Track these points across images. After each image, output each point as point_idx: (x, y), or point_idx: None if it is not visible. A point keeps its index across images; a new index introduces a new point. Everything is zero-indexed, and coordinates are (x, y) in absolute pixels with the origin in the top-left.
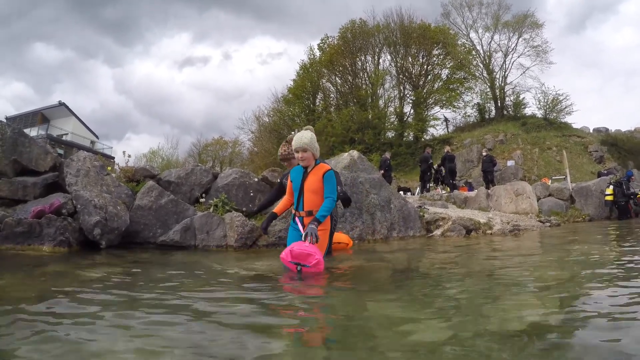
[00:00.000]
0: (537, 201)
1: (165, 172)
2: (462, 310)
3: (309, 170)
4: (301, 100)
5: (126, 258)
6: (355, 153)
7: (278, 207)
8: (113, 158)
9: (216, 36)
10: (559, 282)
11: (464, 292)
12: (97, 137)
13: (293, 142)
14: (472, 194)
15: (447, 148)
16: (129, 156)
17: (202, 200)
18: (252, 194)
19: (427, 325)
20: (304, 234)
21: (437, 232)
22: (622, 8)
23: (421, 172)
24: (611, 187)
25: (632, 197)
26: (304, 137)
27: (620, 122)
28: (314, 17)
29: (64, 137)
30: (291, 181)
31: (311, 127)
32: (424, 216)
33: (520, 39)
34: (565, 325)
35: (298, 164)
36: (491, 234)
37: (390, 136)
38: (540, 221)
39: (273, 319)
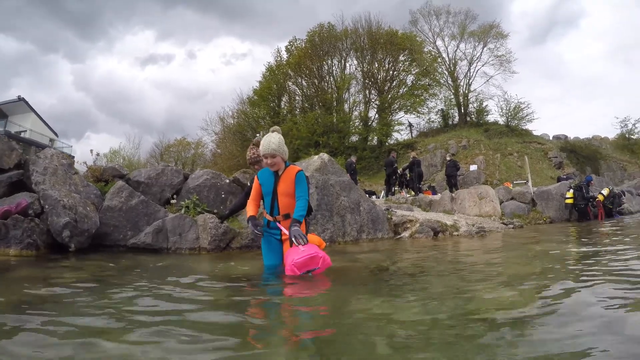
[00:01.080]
0: (500, 204)
1: (135, 172)
2: (441, 301)
3: (280, 173)
4: (267, 102)
5: (98, 262)
6: (325, 156)
7: (252, 210)
8: (73, 157)
9: (181, 35)
10: (528, 275)
11: (440, 285)
12: (56, 135)
13: (261, 148)
14: (437, 197)
15: (413, 154)
16: (97, 154)
17: (173, 201)
18: (223, 196)
19: (409, 314)
20: (292, 238)
21: (405, 234)
22: (582, 23)
23: (386, 176)
24: (571, 191)
25: (591, 200)
26: (271, 142)
27: (577, 130)
28: (280, 19)
29: (22, 134)
30: (260, 184)
31: (278, 128)
32: (391, 218)
33: (485, 48)
34: (531, 312)
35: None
36: (458, 235)
37: (354, 140)
38: (504, 223)
39: (261, 320)
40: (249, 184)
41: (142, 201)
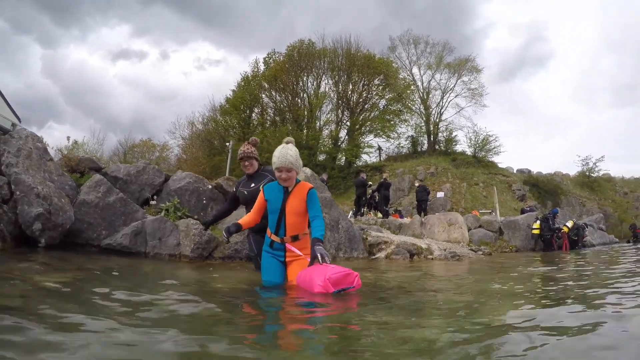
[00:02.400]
0: (468, 231)
1: (113, 167)
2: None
3: (290, 189)
4: (238, 111)
5: (72, 262)
6: (308, 170)
7: (245, 220)
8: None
9: (157, 33)
10: (522, 292)
11: (445, 301)
12: (19, 120)
13: (275, 159)
14: (407, 221)
15: (384, 175)
16: (75, 142)
17: (152, 202)
18: (204, 202)
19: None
20: (318, 255)
21: (381, 254)
22: (551, 64)
23: (356, 197)
24: (538, 221)
25: (556, 231)
26: (289, 154)
27: (538, 165)
28: (258, 30)
29: None
30: (266, 199)
31: (292, 139)
32: (367, 239)
33: (459, 81)
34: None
35: (267, 179)
36: (432, 258)
37: (322, 158)
38: (472, 250)
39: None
40: (233, 189)
41: (121, 199)
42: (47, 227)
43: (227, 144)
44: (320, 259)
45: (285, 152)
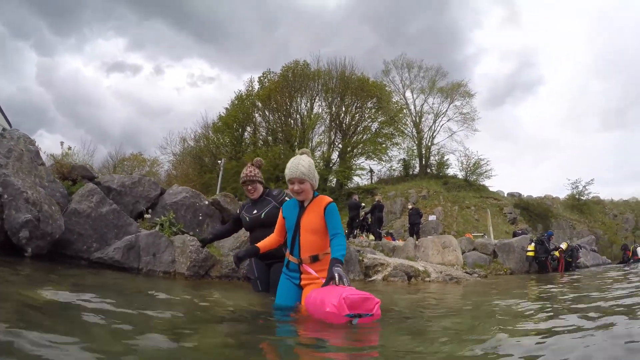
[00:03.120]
0: (462, 254)
1: (107, 177)
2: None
3: (306, 204)
4: (231, 129)
5: (60, 276)
6: None
7: (265, 243)
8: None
9: (152, 48)
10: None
11: (458, 324)
12: (10, 125)
13: (287, 171)
14: (400, 243)
15: (377, 197)
16: (69, 148)
17: (147, 216)
18: (200, 218)
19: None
20: (336, 275)
21: (378, 276)
22: (541, 89)
23: (349, 219)
24: (533, 244)
25: (551, 253)
26: (300, 164)
27: (526, 189)
28: (253, 50)
29: None
30: (284, 217)
31: (308, 150)
32: (363, 260)
33: (452, 105)
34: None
35: (284, 197)
36: (429, 281)
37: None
38: (467, 272)
39: None
40: (237, 211)
41: (114, 210)
42: (35, 236)
43: (219, 161)
44: (337, 279)
45: (297, 163)
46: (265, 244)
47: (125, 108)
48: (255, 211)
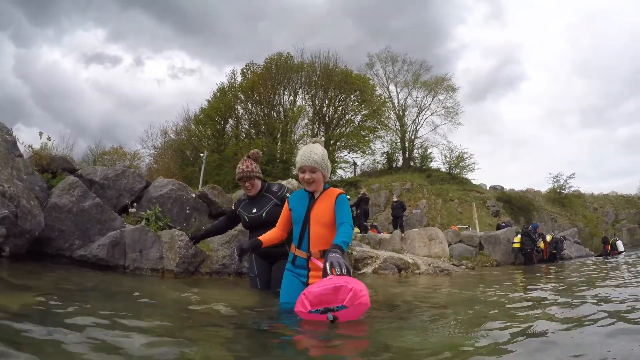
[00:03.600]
0: (448, 246)
1: (89, 169)
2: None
3: (316, 196)
4: (213, 122)
5: (41, 278)
6: (294, 182)
7: (268, 237)
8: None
9: (132, 39)
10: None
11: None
12: None
13: (298, 158)
14: (387, 236)
15: (363, 190)
16: (49, 138)
17: (132, 210)
18: (187, 211)
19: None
20: (327, 265)
21: (368, 269)
22: (522, 86)
23: (361, 212)
24: (519, 236)
25: (537, 244)
26: (314, 152)
27: (507, 183)
28: (235, 43)
29: None
30: (290, 209)
31: (321, 139)
32: (352, 253)
33: (435, 99)
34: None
35: (284, 193)
36: (420, 273)
37: (296, 172)
38: (454, 264)
39: None
40: (232, 208)
41: (97, 205)
42: (12, 234)
43: (201, 154)
44: (328, 268)
45: (310, 150)
46: (268, 238)
47: (104, 101)
48: (254, 210)
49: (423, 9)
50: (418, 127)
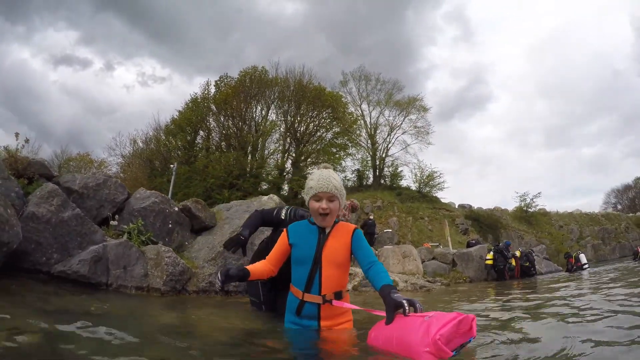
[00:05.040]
0: (422, 263)
1: (67, 177)
2: None
3: (327, 231)
4: (184, 133)
5: (17, 299)
6: (276, 197)
7: (257, 268)
8: None
9: (103, 43)
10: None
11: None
12: None
13: (314, 183)
14: None
15: (371, 215)
16: (26, 140)
17: (113, 222)
18: (170, 225)
19: None
20: (404, 302)
21: (348, 286)
22: (490, 106)
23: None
24: (492, 253)
25: (509, 261)
26: (332, 176)
27: (471, 201)
28: (206, 53)
29: None
30: (290, 244)
31: (330, 166)
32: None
33: (407, 118)
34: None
35: (299, 217)
36: (398, 290)
37: (266, 187)
38: (429, 281)
39: None
40: (263, 243)
41: (77, 216)
42: None
43: (171, 166)
44: (407, 307)
45: (328, 175)
46: (257, 270)
47: (72, 104)
48: None
49: (395, 28)
50: (389, 146)
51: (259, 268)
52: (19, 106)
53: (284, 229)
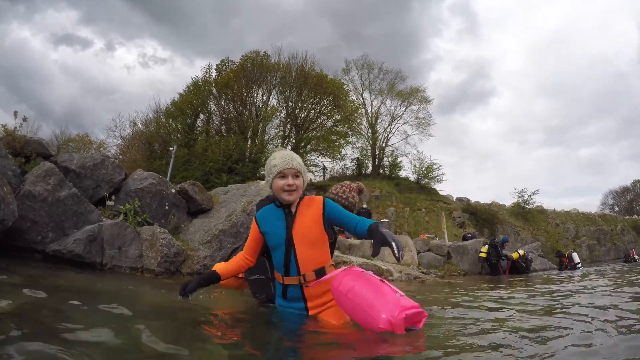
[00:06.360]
0: (417, 254)
1: (65, 156)
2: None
3: (294, 209)
4: (184, 116)
5: (10, 276)
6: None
7: (229, 267)
8: None
9: (104, 23)
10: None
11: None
12: None
13: (277, 161)
14: (356, 241)
15: (364, 204)
16: (24, 119)
17: (109, 203)
18: (167, 207)
19: None
20: (392, 242)
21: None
22: (492, 101)
23: None
24: (486, 246)
25: (503, 258)
26: (294, 155)
27: (469, 195)
28: (207, 37)
29: None
30: (262, 233)
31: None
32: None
33: (408, 109)
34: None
35: (266, 201)
36: (392, 280)
37: (264, 173)
38: (424, 272)
39: None
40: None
41: (74, 195)
42: None
43: (170, 148)
44: (395, 248)
45: (291, 153)
46: (229, 268)
47: (72, 84)
48: None
49: (399, 18)
50: (389, 136)
51: (232, 265)
52: (18, 85)
53: (254, 220)
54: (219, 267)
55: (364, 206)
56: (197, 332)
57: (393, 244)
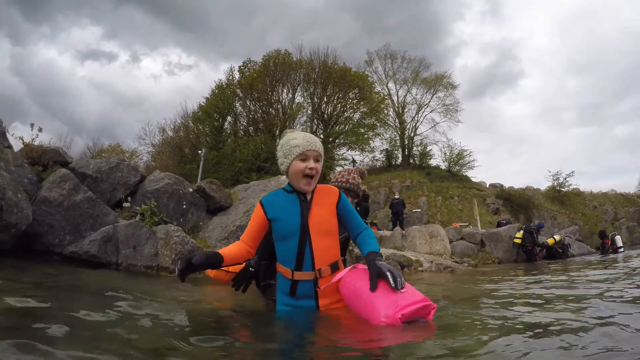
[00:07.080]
0: (450, 244)
1: (81, 162)
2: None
3: (309, 197)
4: (211, 119)
5: (27, 276)
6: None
7: (231, 252)
8: (5, 127)
9: (127, 36)
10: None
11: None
12: None
13: (299, 141)
14: (387, 233)
15: (363, 187)
16: (40, 130)
17: (126, 204)
18: (185, 206)
19: None
20: (388, 273)
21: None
22: (521, 82)
23: (394, 215)
24: (521, 232)
25: (539, 246)
26: (316, 138)
27: (504, 181)
28: (229, 39)
29: None
30: (270, 219)
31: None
32: (353, 250)
33: (435, 96)
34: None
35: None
36: (422, 270)
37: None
38: (456, 262)
39: None
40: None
41: (89, 199)
42: None
43: (200, 152)
44: (391, 279)
45: (312, 135)
46: (231, 254)
47: (101, 98)
48: None
49: (419, 5)
50: (417, 125)
51: (234, 251)
52: (51, 103)
53: (258, 205)
54: (224, 251)
55: (397, 196)
56: (208, 328)
57: (388, 274)
